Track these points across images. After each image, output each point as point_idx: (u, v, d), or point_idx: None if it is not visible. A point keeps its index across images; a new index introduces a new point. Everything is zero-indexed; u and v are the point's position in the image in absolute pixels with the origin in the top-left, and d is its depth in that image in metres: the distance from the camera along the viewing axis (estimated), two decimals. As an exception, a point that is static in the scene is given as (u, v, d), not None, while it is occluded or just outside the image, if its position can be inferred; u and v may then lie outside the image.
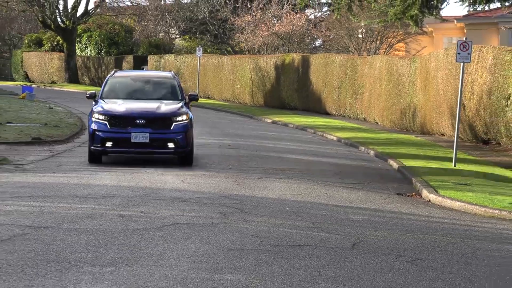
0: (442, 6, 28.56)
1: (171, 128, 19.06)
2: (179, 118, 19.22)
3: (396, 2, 25.38)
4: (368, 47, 47.19)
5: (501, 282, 8.71)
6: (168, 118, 19.25)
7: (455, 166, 20.00)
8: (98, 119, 18.95)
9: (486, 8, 26.71)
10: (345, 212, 13.74)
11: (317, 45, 55.82)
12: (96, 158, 19.17)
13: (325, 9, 56.42)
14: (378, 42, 47.52)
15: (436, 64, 29.24)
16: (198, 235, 10.40)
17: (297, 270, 8.66)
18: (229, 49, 59.91)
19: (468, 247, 11.04)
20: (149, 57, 58.79)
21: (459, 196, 15.80)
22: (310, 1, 30.99)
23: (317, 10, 57.58)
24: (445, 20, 42.02)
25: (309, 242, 10.47)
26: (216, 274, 8.27)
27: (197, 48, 48.41)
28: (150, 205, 12.82)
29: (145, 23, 63.81)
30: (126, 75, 22.74)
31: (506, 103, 24.35)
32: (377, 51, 46.28)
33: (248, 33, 52.93)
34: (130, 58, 61.25)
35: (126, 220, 11.30)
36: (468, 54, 21.05)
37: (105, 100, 19.89)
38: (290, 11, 52.87)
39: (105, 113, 19.10)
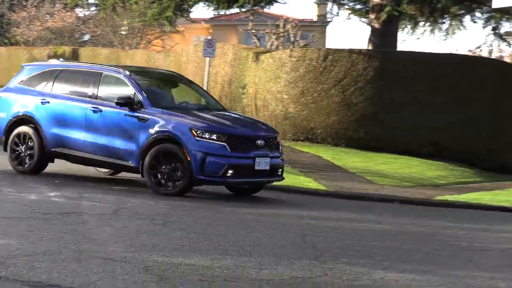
0: (192, 10, 28.85)
1: (279, 150, 13.34)
2: (277, 136, 13.65)
3: (154, 5, 25.36)
4: (130, 43, 46.85)
5: (235, 238, 8.95)
6: (276, 137, 13.43)
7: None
8: (209, 139, 12.32)
9: (228, 12, 27.29)
10: (108, 183, 13.62)
11: (86, 39, 54.60)
12: (187, 189, 12.54)
13: (93, 8, 55.20)
14: (139, 38, 47.31)
15: (187, 58, 29.56)
16: (-25, 206, 9.91)
17: (64, 234, 8.46)
18: (6, 41, 57.32)
19: (211, 210, 11.28)
20: None
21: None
22: (79, 1, 30.29)
23: (85, 9, 56.34)
24: (194, 21, 42.58)
25: (75, 209, 10.27)
26: (-10, 240, 7.91)
27: (-24, 40, 45.95)
28: None
29: None
30: (146, 71, 15.26)
31: (243, 91, 25.09)
32: (137, 46, 46.07)
33: (23, 27, 51.01)
34: None
35: None
36: (213, 50, 21.40)
37: (158, 109, 12.80)
38: (61, 9, 51.46)
39: (220, 131, 12.50)
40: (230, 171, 12.41)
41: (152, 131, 12.64)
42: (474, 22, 32.35)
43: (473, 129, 22.39)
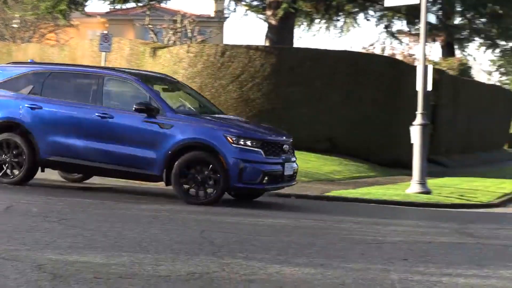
0: (87, 3, 28.39)
1: (294, 154, 13.40)
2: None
3: (47, -3, 24.82)
4: (22, 36, 45.65)
5: (131, 235, 8.87)
6: (292, 141, 13.31)
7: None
8: (245, 145, 12.06)
9: (124, 7, 26.98)
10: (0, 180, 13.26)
11: (-25, 32, 52.86)
12: (220, 197, 12.33)
13: (-17, 0, 53.54)
14: (32, 31, 46.17)
15: (83, 52, 29.05)
16: None
17: (-48, 233, 8.19)
18: None
19: (107, 207, 11.15)
20: None
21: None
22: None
23: (-25, 1, 54.56)
24: (89, 15, 41.86)
25: (-35, 208, 9.96)
26: None
27: None
28: None
29: None
30: (146, 74, 14.19)
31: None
32: (30, 39, 44.95)
33: None
34: None
35: None
36: (109, 45, 21.13)
37: (179, 115, 12.46)
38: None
39: (254, 137, 12.32)
40: (266, 177, 12.24)
41: (178, 138, 12.16)
42: (368, 20, 33.13)
43: (367, 125, 22.91)
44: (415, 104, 17.05)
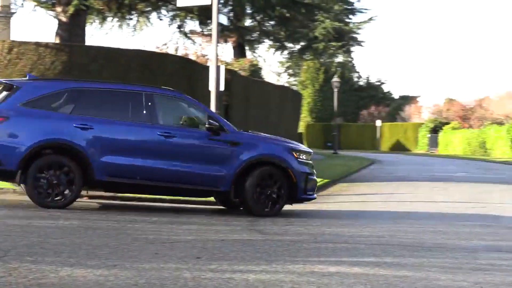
0: None
1: None
2: None
3: None
4: None
5: None
6: None
7: None
8: (302, 159, 13.34)
9: None
10: None
11: None
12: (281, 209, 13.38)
13: None
14: None
15: None
16: None
17: None
18: None
19: None
20: None
21: None
22: None
23: None
24: None
25: None
26: None
27: None
28: None
29: None
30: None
31: None
32: None
33: None
34: None
35: None
36: None
37: (242, 132, 13.36)
38: None
39: (307, 151, 13.70)
40: (315, 187, 13.60)
41: (250, 154, 12.86)
42: (161, 19, 33.24)
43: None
44: (208, 104, 17.33)
